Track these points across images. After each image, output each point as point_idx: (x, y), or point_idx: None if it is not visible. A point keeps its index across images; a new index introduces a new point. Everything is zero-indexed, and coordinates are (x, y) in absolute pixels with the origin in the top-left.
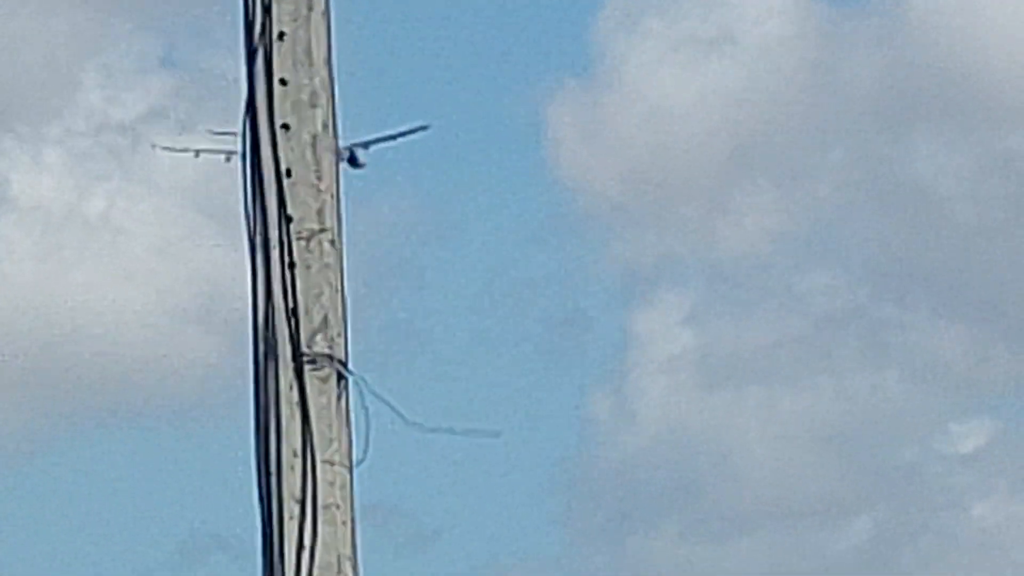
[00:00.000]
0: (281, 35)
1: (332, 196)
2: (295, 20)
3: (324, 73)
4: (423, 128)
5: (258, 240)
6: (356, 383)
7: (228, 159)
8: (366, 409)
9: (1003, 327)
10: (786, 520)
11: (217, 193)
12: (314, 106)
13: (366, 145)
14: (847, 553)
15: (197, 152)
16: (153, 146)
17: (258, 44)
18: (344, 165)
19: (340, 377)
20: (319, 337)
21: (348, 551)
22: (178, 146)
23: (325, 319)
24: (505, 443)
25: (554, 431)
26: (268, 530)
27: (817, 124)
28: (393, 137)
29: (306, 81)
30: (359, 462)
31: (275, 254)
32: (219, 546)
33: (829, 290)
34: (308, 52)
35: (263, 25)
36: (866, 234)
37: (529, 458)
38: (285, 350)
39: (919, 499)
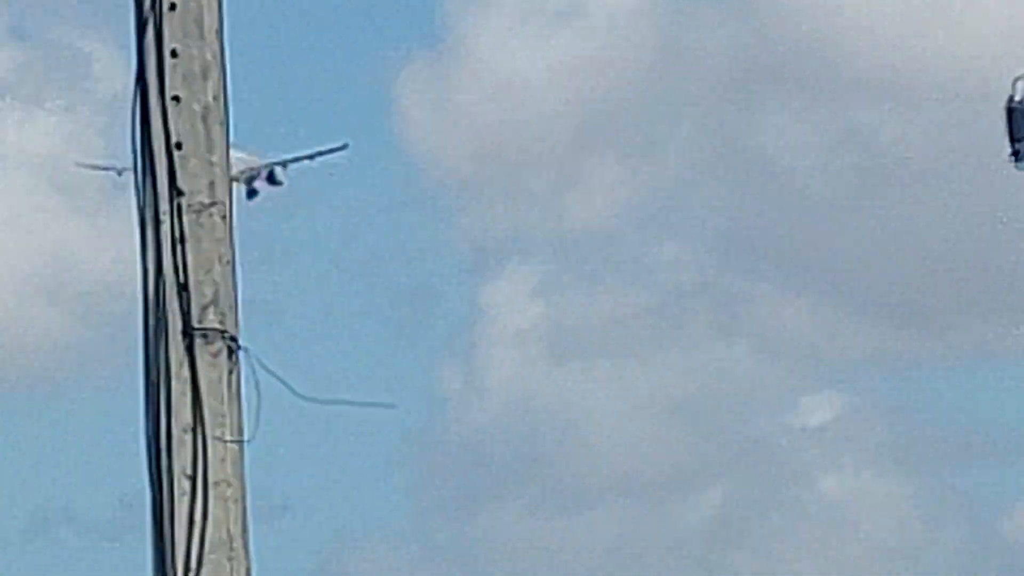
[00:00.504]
0: (172, 6)
1: (223, 169)
2: None
3: (216, 45)
4: (343, 147)
5: (148, 214)
6: (248, 358)
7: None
8: (257, 384)
9: (852, 301)
10: (635, 493)
11: (67, 167)
12: (205, 78)
13: (284, 164)
14: (696, 526)
15: (120, 171)
16: (76, 164)
17: (148, 15)
18: (262, 184)
19: (231, 352)
20: (210, 312)
21: (239, 528)
22: (101, 163)
23: (216, 294)
24: (354, 417)
25: (403, 404)
26: (158, 507)
27: (666, 98)
28: (311, 156)
29: (197, 53)
30: (250, 438)
31: (165, 228)
32: (67, 519)
33: (678, 263)
34: (199, 23)
35: None
36: (715, 208)
37: (378, 432)
38: (175, 325)
39: (768, 472)
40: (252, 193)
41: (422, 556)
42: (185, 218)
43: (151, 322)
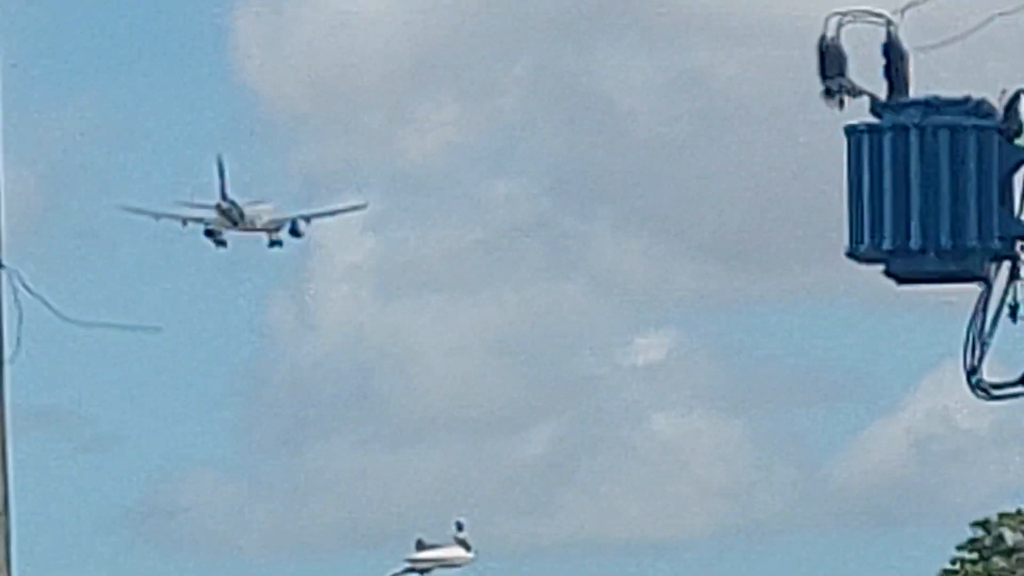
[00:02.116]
0: None
1: None
2: None
3: None
4: (363, 207)
5: None
6: (10, 277)
7: None
8: (19, 305)
9: (685, 241)
10: (464, 429)
11: None
12: None
13: (308, 219)
14: (526, 463)
15: None
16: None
17: None
18: (285, 234)
19: None
20: None
21: None
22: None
23: None
24: (184, 350)
25: (233, 339)
26: None
27: (503, 37)
28: (332, 213)
29: None
30: (11, 358)
31: None
32: None
33: (512, 201)
34: None
35: None
36: (549, 146)
37: (208, 365)
38: None
39: (599, 411)
40: (275, 244)
41: (250, 490)
42: None
43: None
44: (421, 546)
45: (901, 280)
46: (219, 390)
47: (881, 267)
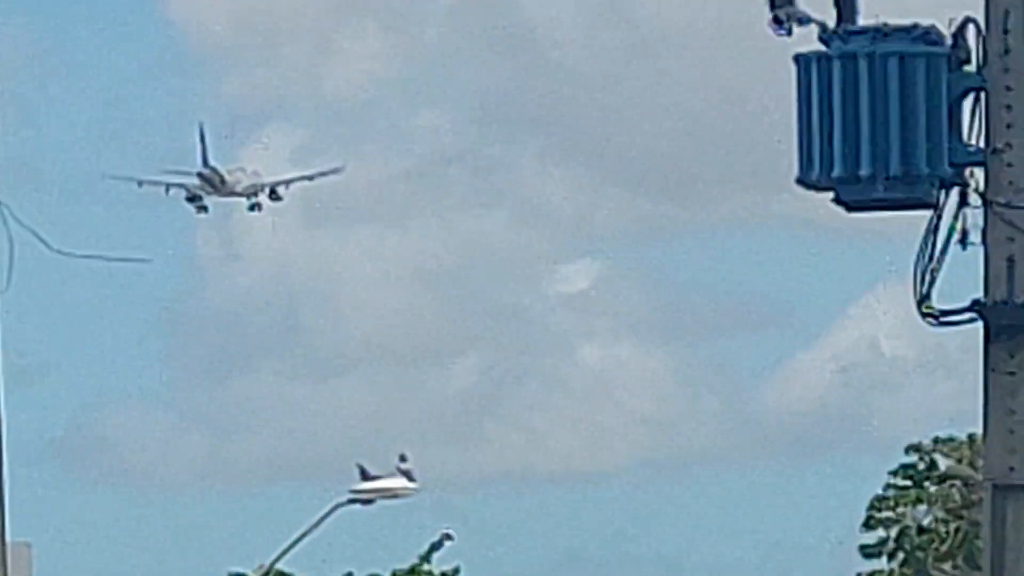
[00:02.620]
0: None
1: None
2: None
3: None
4: (339, 170)
5: None
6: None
7: None
8: (10, 238)
9: (613, 171)
10: (390, 360)
11: None
12: None
13: (287, 184)
14: (452, 394)
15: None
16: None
17: None
18: (263, 198)
19: None
20: None
21: None
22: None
23: None
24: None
25: (160, 270)
26: None
27: None
28: (310, 177)
29: None
30: (2, 290)
31: None
32: None
33: (436, 131)
34: None
35: None
36: (475, 77)
37: (135, 296)
38: None
39: (526, 341)
40: (255, 207)
41: (177, 421)
42: None
43: None
44: (364, 473)
45: (851, 207)
46: (147, 321)
47: (830, 195)
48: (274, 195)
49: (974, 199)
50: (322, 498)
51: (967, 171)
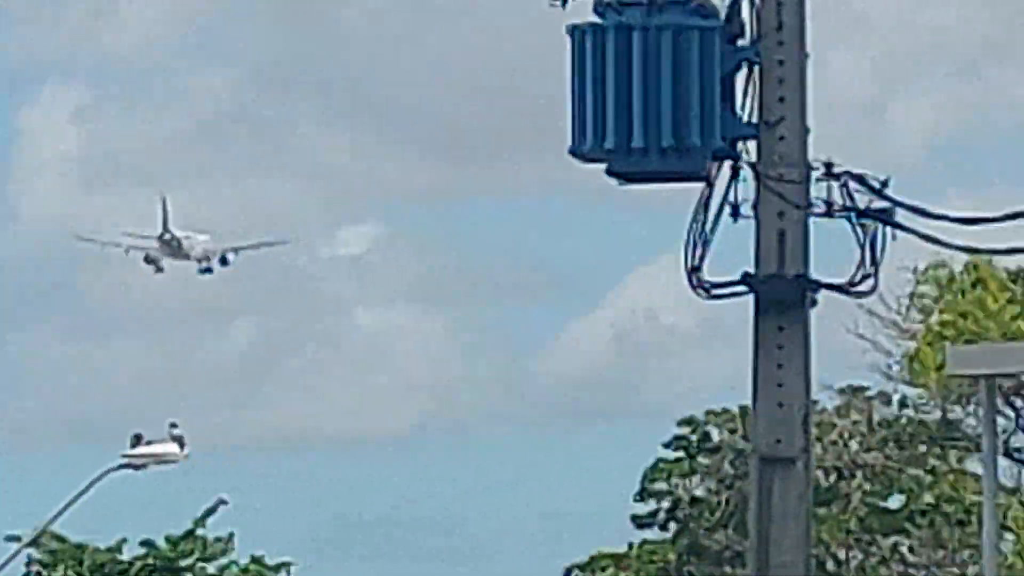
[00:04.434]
0: None
1: None
2: None
3: None
4: (285, 243)
5: None
6: None
7: None
8: None
9: (393, 135)
10: (167, 323)
11: None
12: None
13: (236, 251)
14: (229, 357)
15: None
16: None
17: None
18: (215, 264)
19: None
20: None
21: None
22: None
23: None
24: None
25: None
26: None
27: None
28: (256, 247)
29: None
30: None
31: None
32: None
33: (215, 92)
34: None
35: None
36: (253, 38)
37: None
38: None
39: (304, 304)
40: (207, 271)
41: None
42: None
43: None
44: (138, 440)
45: (624, 179)
46: None
47: (604, 166)
48: (224, 261)
49: (746, 172)
50: (97, 462)
51: (740, 144)
